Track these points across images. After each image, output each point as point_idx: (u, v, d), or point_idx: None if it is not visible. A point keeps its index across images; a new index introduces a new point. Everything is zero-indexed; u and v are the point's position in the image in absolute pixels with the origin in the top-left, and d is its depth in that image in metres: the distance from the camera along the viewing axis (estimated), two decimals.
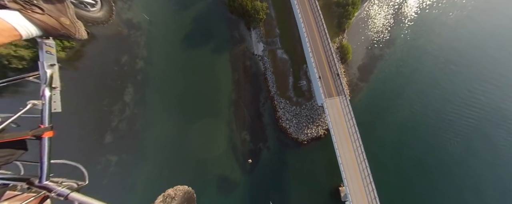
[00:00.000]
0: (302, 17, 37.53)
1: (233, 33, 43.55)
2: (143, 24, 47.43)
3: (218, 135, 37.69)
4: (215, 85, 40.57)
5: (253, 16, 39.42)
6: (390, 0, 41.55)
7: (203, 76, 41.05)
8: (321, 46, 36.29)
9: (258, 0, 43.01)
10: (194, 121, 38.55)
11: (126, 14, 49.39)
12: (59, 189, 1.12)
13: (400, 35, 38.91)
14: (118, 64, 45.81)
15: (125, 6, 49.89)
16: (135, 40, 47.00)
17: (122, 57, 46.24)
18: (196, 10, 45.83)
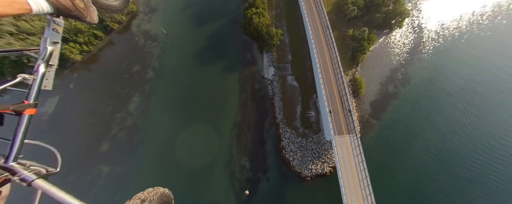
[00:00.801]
0: (316, 47, 37.15)
1: (245, 54, 43.55)
2: (160, 36, 48.70)
3: (217, 159, 35.58)
4: (221, 104, 39.51)
5: (267, 41, 39.52)
6: (407, 38, 41.04)
7: (210, 95, 40.26)
8: (333, 78, 35.20)
9: (273, 26, 43.77)
10: (194, 141, 36.89)
11: (146, 26, 51.19)
12: (24, 173, 0.97)
13: (416, 75, 37.48)
14: (129, 72, 46.22)
15: (146, 18, 51.98)
16: (149, 51, 47.90)
17: (134, 66, 46.81)
18: (211, 28, 46.87)
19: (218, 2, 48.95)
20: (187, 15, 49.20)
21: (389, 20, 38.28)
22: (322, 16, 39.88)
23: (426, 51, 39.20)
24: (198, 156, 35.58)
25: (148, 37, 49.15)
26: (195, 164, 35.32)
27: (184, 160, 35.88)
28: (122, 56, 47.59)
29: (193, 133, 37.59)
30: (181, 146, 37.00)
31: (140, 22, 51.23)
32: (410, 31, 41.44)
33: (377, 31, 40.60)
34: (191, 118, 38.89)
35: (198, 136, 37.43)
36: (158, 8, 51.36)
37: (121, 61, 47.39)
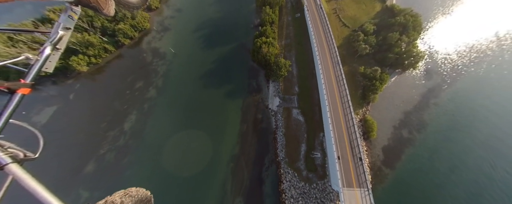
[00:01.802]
0: (325, 82, 35.37)
1: (251, 81, 42.12)
2: (168, 55, 48.70)
3: (208, 197, 31.55)
4: (220, 133, 36.76)
5: (274, 71, 38.21)
6: (421, 80, 39.12)
7: (210, 122, 37.82)
8: (342, 117, 32.54)
9: (282, 55, 43.06)
10: (186, 173, 33.37)
11: (156, 43, 51.80)
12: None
13: (433, 121, 34.51)
14: (131, 88, 45.13)
15: (158, 36, 52.91)
16: (155, 69, 47.45)
17: (137, 82, 45.93)
18: (220, 51, 46.67)
19: (230, 27, 49.56)
20: (197, 37, 49.68)
21: (402, 60, 36.85)
22: (333, 51, 38.95)
23: (442, 96, 36.74)
24: (187, 194, 31.71)
25: (156, 55, 49.20)
26: (186, 199, 31.31)
27: (171, 196, 31.98)
28: (128, 71, 47.11)
29: (186, 165, 34.26)
30: (171, 177, 33.45)
31: (151, 39, 51.97)
32: (425, 73, 39.66)
33: (389, 70, 39.00)
34: (186, 146, 35.95)
35: (192, 167, 34.01)
36: (171, 28, 52.46)
37: (126, 76, 46.75)
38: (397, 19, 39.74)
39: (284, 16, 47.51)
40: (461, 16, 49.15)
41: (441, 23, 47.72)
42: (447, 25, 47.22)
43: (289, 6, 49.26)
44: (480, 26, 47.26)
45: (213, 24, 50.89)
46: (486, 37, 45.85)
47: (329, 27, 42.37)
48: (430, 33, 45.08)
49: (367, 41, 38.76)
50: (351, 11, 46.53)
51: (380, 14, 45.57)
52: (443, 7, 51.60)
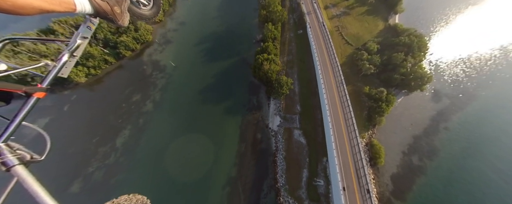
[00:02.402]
0: (328, 102, 33.74)
1: (251, 98, 40.68)
2: (168, 68, 48.09)
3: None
4: (217, 153, 34.53)
5: (276, 89, 36.87)
6: (429, 102, 37.34)
7: (207, 140, 35.77)
8: (347, 140, 30.38)
9: (284, 72, 42.06)
10: (178, 198, 30.69)
11: (157, 56, 51.52)
12: (8, 157, 0.92)
13: (444, 147, 32.14)
14: (127, 102, 43.86)
15: (159, 48, 52.85)
16: (154, 82, 46.56)
17: (135, 95, 44.78)
18: (221, 66, 45.91)
19: (231, 41, 49.34)
20: (199, 50, 49.37)
21: (409, 82, 35.44)
22: (336, 70, 37.85)
23: (453, 119, 34.70)
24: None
25: (156, 68, 48.62)
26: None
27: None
28: (126, 83, 46.21)
29: (179, 188, 31.66)
30: (163, 201, 30.70)
31: (152, 52, 51.80)
32: (433, 94, 38.01)
33: (395, 90, 37.48)
34: (180, 168, 33.57)
35: (185, 190, 31.36)
36: (173, 40, 52.51)
37: (124, 88, 45.75)
38: (401, 39, 39.07)
39: (286, 32, 47.35)
40: (467, 37, 48.59)
41: (447, 43, 47.06)
42: (454, 45, 46.49)
43: (291, 22, 49.38)
44: (488, 46, 46.42)
45: (215, 38, 50.82)
46: (496, 57, 44.74)
47: (332, 44, 41.75)
48: (436, 53, 44.13)
49: (371, 60, 37.72)
50: (353, 29, 46.29)
51: (383, 33, 45.18)
52: (447, 26, 51.35)
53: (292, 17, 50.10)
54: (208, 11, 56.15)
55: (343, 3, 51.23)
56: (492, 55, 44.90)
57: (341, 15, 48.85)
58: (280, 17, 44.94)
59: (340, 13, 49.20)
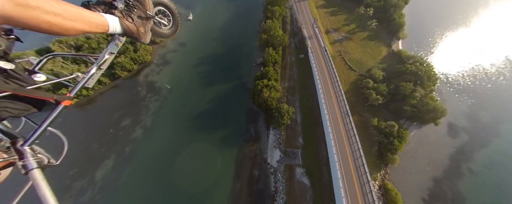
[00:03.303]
0: (334, 137, 30.19)
1: (249, 127, 37.34)
2: (163, 90, 45.91)
3: None
4: (207, 192, 29.97)
5: (276, 118, 33.70)
6: (446, 136, 33.59)
7: (198, 177, 31.49)
8: (358, 185, 26.06)
9: (285, 99, 39.42)
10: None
11: (153, 77, 49.83)
12: (29, 160, 0.95)
13: (471, 193, 27.57)
14: (116, 127, 40.61)
15: (157, 69, 51.47)
16: (147, 105, 43.92)
17: (124, 119, 41.73)
18: (218, 90, 43.61)
19: (231, 64, 47.79)
20: (197, 73, 47.63)
21: (421, 114, 32.29)
22: (340, 99, 35.10)
23: (476, 160, 30.65)
24: None
25: (151, 89, 46.46)
26: None
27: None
28: (118, 105, 43.53)
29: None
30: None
31: (149, 73, 50.28)
32: (448, 128, 34.53)
33: (406, 122, 34.18)
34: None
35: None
36: (171, 62, 51.30)
37: (114, 111, 42.92)
38: (408, 67, 37.05)
39: (287, 56, 45.99)
40: (480, 64, 46.62)
41: (455, 70, 45.00)
42: (463, 73, 44.35)
43: (292, 46, 48.40)
44: (506, 77, 44.04)
45: (214, 60, 49.46)
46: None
47: (335, 70, 39.75)
48: (446, 82, 41.71)
49: (378, 89, 35.14)
50: (356, 54, 44.87)
51: (387, 59, 43.56)
52: (453, 53, 50.01)
53: (293, 41, 49.33)
54: (209, 32, 56.05)
55: (344, 28, 50.90)
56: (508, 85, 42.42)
57: (343, 40, 48.01)
58: (281, 41, 43.95)
59: (342, 38, 48.44)
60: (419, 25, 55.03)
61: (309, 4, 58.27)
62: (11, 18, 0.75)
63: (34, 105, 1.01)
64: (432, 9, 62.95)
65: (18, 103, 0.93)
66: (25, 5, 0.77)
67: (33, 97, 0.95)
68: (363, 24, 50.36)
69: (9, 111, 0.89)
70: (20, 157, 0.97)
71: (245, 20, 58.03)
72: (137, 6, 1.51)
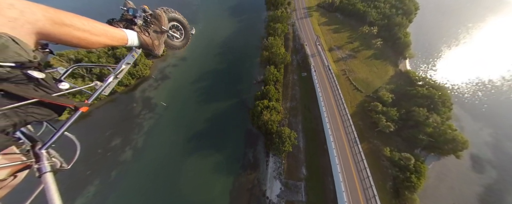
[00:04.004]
0: (342, 169, 26.57)
1: (247, 151, 34.02)
2: (158, 107, 43.61)
3: None
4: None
5: (276, 144, 30.47)
6: (470, 170, 29.41)
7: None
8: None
9: (287, 121, 36.49)
10: None
11: (150, 92, 48.00)
12: (44, 163, 0.99)
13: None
14: (105, 147, 37.76)
15: (155, 84, 49.84)
16: (140, 123, 41.39)
17: (115, 138, 39.02)
18: (216, 108, 41.09)
19: (231, 81, 45.85)
20: (195, 89, 45.66)
21: (440, 145, 28.69)
22: (347, 124, 32.00)
23: (510, 202, 26.21)
24: None
25: (146, 106, 44.33)
26: None
27: None
28: (110, 122, 41.09)
29: None
30: None
31: (146, 88, 48.66)
32: (472, 161, 30.55)
33: (422, 152, 30.46)
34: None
35: None
36: (171, 76, 49.82)
37: (105, 129, 40.38)
38: (419, 90, 34.31)
39: (289, 74, 43.97)
40: (498, 86, 43.54)
41: (473, 92, 41.84)
42: (482, 96, 41.13)
43: (295, 64, 46.64)
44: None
45: (214, 76, 47.72)
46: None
47: (340, 91, 37.19)
48: (462, 106, 38.42)
49: (387, 114, 32.07)
50: (362, 74, 42.59)
51: (395, 79, 41.05)
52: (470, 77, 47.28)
53: (295, 58, 47.70)
54: (211, 47, 55.26)
55: (348, 46, 49.42)
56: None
57: (347, 58, 46.18)
58: (283, 59, 42.24)
59: (345, 56, 46.67)
60: (425, 43, 53.36)
61: (311, 21, 57.86)
62: (49, 35, 0.91)
63: (56, 111, 1.05)
64: (437, 26, 61.77)
65: (43, 108, 0.98)
66: (61, 23, 0.92)
67: (57, 104, 1.00)
68: (368, 42, 48.86)
69: (34, 116, 0.93)
70: (36, 160, 1.01)
71: (247, 36, 57.48)
72: (154, 22, 1.65)
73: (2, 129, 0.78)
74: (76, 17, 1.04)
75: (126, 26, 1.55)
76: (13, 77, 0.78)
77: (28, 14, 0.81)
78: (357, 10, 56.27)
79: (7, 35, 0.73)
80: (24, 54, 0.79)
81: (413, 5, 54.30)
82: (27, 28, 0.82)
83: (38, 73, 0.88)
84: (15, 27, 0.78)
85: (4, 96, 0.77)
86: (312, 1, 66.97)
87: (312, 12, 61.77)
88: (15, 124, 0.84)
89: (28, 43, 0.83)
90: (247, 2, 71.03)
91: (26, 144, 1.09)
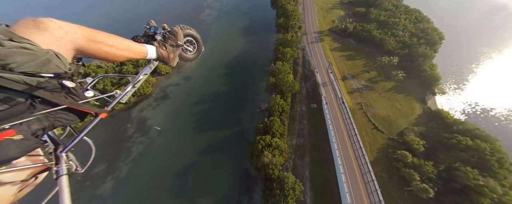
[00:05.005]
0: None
1: (241, 200, 27.79)
2: (151, 131, 39.60)
3: None
4: None
5: (277, 196, 24.17)
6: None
7: None
8: None
9: (291, 163, 30.39)
10: None
11: (147, 113, 44.83)
12: (62, 166, 1.04)
13: None
14: (85, 173, 33.58)
15: (154, 104, 46.97)
16: (130, 148, 37.37)
17: (99, 165, 35.01)
18: (212, 139, 36.13)
19: (233, 106, 41.74)
20: (194, 112, 41.97)
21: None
22: (368, 177, 25.18)
23: None
24: None
25: (140, 128, 40.89)
26: None
27: None
28: (99, 144, 37.24)
29: None
30: None
31: (145, 107, 46.04)
32: None
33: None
34: None
35: None
36: (171, 97, 47.21)
37: (90, 154, 36.77)
38: (460, 140, 27.17)
39: (297, 104, 39.03)
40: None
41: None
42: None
43: (304, 92, 41.94)
44: None
45: (215, 99, 44.11)
46: None
47: (356, 130, 31.05)
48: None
49: (421, 169, 25.04)
50: (381, 110, 36.44)
51: (423, 120, 34.22)
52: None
53: (304, 86, 43.17)
54: (216, 67, 53.11)
55: (363, 75, 44.31)
56: None
57: (363, 89, 40.69)
58: (291, 88, 37.81)
59: (361, 86, 41.29)
60: (457, 77, 46.09)
61: (323, 46, 54.60)
62: (84, 51, 1.06)
63: (79, 117, 1.12)
64: (466, 53, 54.45)
65: (70, 114, 1.04)
66: (94, 40, 1.08)
67: (81, 110, 1.06)
68: (387, 73, 43.45)
69: (61, 121, 1.00)
70: (56, 162, 1.05)
71: (254, 58, 55.08)
72: (171, 37, 1.81)
73: (33, 132, 0.85)
74: (106, 35, 1.19)
75: (147, 41, 1.70)
76: (49, 86, 0.88)
77: (71, 34, 0.97)
78: (373, 37, 52.35)
79: (53, 51, 0.86)
80: (63, 66, 0.89)
81: (437, 34, 49.26)
82: (68, 45, 0.97)
83: (70, 83, 0.96)
84: (60, 45, 0.92)
85: (40, 102, 0.86)
86: (323, 25, 64.91)
87: (324, 37, 58.98)
88: (44, 128, 0.91)
89: (67, 57, 0.95)
90: (258, 24, 70.93)
91: (50, 146, 1.13)
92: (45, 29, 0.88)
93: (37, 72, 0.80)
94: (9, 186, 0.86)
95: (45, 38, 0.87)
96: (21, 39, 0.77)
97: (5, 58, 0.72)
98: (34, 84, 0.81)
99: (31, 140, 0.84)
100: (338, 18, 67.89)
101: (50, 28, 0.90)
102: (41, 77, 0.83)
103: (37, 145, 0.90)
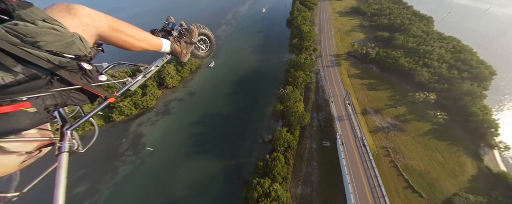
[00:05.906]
0: None
1: None
2: (144, 151, 36.16)
3: None
4: None
5: None
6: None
7: None
8: None
9: None
10: None
11: (145, 128, 42.00)
12: (65, 143, 1.06)
13: None
14: (68, 190, 31.21)
15: (154, 118, 44.76)
16: (117, 167, 34.09)
17: (81, 184, 31.52)
18: (206, 169, 31.24)
19: (233, 133, 37.17)
20: (190, 134, 38.19)
21: None
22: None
23: None
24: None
25: (134, 145, 38.03)
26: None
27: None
28: (86, 159, 34.16)
29: None
30: None
31: (144, 121, 44.03)
32: None
33: None
34: None
35: None
36: (172, 113, 44.84)
37: (78, 168, 34.12)
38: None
39: (306, 139, 32.74)
40: None
41: None
42: None
43: (315, 125, 35.65)
44: None
45: (215, 122, 40.14)
46: None
47: (383, 188, 23.47)
48: None
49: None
50: (416, 160, 28.15)
51: (481, 184, 25.01)
52: None
53: (316, 118, 37.02)
54: (223, 85, 50.45)
55: (389, 110, 36.74)
56: None
57: (390, 129, 32.95)
58: (300, 120, 32.07)
59: (387, 125, 33.62)
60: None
61: (339, 71, 48.95)
62: (105, 38, 1.13)
63: (90, 98, 1.17)
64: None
65: (82, 95, 1.10)
66: (116, 29, 1.16)
67: (93, 92, 1.11)
68: (420, 111, 35.37)
69: (73, 100, 1.05)
70: (60, 138, 1.07)
71: (263, 78, 51.50)
72: (186, 34, 1.90)
73: (46, 107, 0.91)
74: (127, 25, 1.27)
75: (163, 36, 1.78)
76: (69, 66, 0.93)
77: (97, 21, 1.04)
78: (400, 66, 45.37)
79: (78, 34, 0.92)
80: (84, 50, 0.95)
81: (486, 68, 40.20)
82: (92, 31, 1.04)
83: (87, 65, 1.00)
84: (85, 29, 0.99)
85: (58, 80, 0.92)
86: (341, 49, 59.87)
87: (341, 61, 53.58)
88: (57, 104, 0.97)
89: (89, 42, 1.02)
90: (272, 42, 69.18)
91: (58, 123, 1.16)
92: (75, 14, 0.95)
93: (60, 52, 0.86)
94: (15, 156, 0.90)
95: (74, 22, 0.94)
96: (53, 21, 0.84)
97: (36, 35, 0.77)
98: (56, 63, 0.86)
99: (43, 114, 0.88)
100: (357, 41, 62.72)
101: (79, 13, 0.97)
102: (63, 57, 0.87)
103: (47, 120, 0.92)
